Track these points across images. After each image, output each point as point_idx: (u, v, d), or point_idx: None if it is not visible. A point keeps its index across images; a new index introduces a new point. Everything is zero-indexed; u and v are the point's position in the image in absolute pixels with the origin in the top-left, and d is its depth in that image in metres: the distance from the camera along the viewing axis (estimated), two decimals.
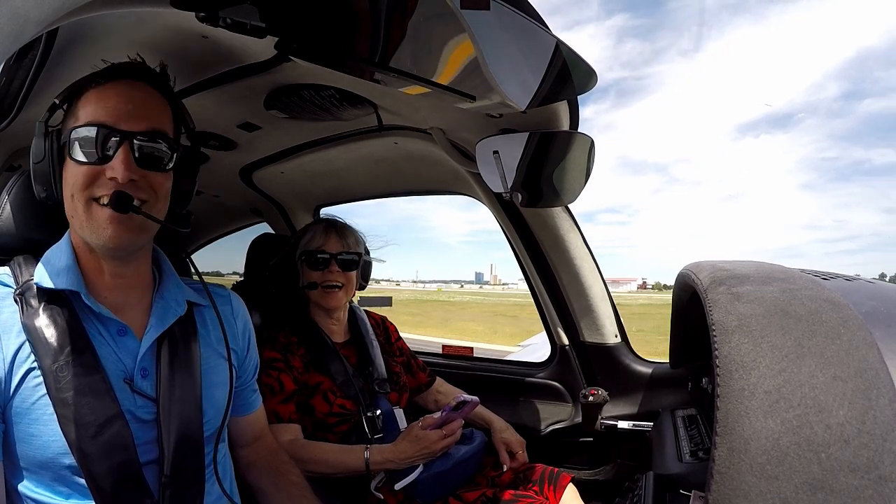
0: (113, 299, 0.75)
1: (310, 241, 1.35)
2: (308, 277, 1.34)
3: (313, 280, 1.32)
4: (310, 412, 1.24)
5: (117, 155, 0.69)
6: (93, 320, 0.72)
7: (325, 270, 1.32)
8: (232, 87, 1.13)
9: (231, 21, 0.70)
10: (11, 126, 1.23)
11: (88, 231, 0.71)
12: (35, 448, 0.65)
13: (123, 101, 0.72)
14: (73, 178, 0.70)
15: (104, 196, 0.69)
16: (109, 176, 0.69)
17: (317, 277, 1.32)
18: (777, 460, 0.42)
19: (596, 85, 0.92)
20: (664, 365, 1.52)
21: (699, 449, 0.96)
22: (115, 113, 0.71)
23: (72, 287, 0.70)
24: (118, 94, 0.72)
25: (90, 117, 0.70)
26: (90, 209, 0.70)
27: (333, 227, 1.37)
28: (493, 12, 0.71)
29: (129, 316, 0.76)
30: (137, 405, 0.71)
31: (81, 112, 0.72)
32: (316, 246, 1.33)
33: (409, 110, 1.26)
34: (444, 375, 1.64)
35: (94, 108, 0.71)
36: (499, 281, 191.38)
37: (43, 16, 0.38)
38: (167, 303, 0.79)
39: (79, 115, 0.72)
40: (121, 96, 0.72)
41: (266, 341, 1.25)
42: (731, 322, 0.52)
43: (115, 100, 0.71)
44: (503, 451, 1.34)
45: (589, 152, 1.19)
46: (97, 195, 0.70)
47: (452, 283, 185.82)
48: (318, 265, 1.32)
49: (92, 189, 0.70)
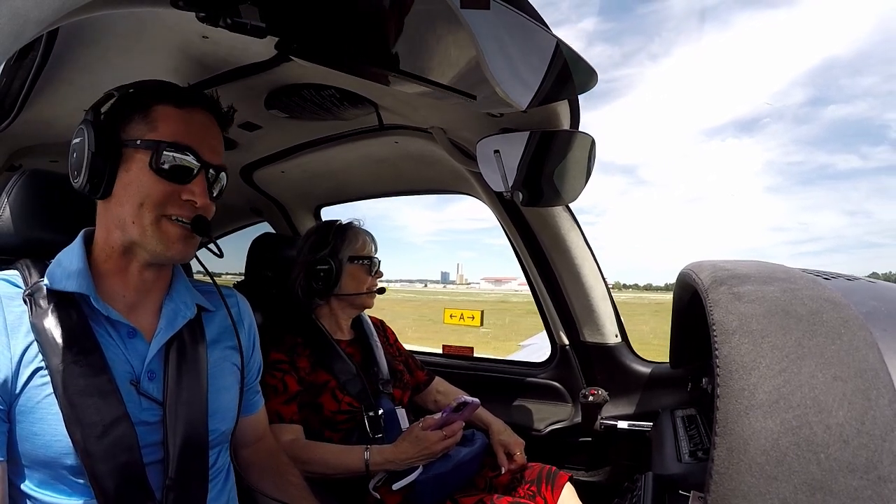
0: (125, 302, 0.76)
1: (361, 246, 1.38)
2: (361, 282, 1.36)
3: (367, 284, 1.37)
4: (318, 410, 1.24)
5: (197, 181, 0.74)
6: (102, 322, 0.73)
7: (373, 276, 1.38)
8: (232, 86, 1.13)
9: (231, 21, 0.70)
10: (11, 126, 1.23)
11: (153, 241, 0.73)
12: (37, 447, 0.65)
13: (205, 132, 0.77)
14: (148, 189, 0.72)
15: (177, 215, 0.74)
16: (186, 198, 0.74)
17: (371, 282, 1.38)
18: (776, 461, 0.42)
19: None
20: (664, 365, 1.52)
21: (698, 449, 0.96)
22: (199, 141, 0.75)
23: (81, 290, 0.71)
24: (202, 124, 0.77)
25: (179, 137, 0.73)
26: (160, 223, 0.73)
27: (367, 233, 1.42)
28: (493, 12, 0.71)
29: (139, 318, 0.77)
30: (143, 408, 0.71)
31: (164, 127, 0.73)
32: (368, 252, 1.39)
33: (409, 110, 1.26)
34: (444, 375, 1.65)
35: (180, 128, 0.74)
36: (464, 280, 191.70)
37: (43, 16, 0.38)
38: (177, 305, 0.80)
39: (160, 129, 0.73)
40: (204, 126, 0.77)
41: (272, 342, 1.25)
42: (732, 322, 0.52)
43: (199, 127, 0.76)
44: (501, 453, 1.34)
45: (589, 151, 1.19)
46: (170, 213, 0.74)
47: (417, 282, 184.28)
48: (371, 270, 1.38)
49: (166, 206, 0.73)
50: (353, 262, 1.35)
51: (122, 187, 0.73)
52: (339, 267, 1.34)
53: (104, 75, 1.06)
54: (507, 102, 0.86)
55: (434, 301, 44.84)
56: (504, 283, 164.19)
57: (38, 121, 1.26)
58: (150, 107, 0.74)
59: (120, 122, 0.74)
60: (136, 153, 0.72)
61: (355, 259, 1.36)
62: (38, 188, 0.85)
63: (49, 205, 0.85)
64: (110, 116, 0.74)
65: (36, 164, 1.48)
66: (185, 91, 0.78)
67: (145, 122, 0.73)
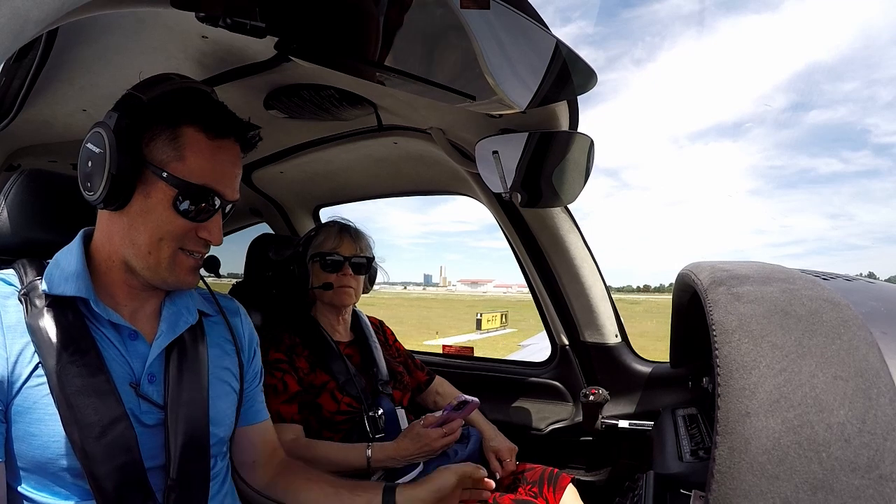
0: (124, 305, 0.76)
1: (322, 242, 1.36)
2: (321, 279, 1.34)
3: (329, 281, 1.33)
4: (317, 410, 1.24)
5: (214, 220, 0.75)
6: (102, 324, 0.72)
7: (338, 273, 1.34)
8: (231, 86, 1.13)
9: (231, 21, 0.70)
10: (11, 126, 1.23)
11: (166, 273, 0.74)
12: (34, 448, 0.65)
13: (231, 168, 0.75)
14: (169, 226, 0.71)
15: (193, 250, 0.75)
16: (202, 235, 0.74)
17: (332, 279, 1.34)
18: (777, 460, 0.42)
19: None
20: (664, 365, 1.52)
21: (700, 448, 0.95)
22: (223, 180, 0.74)
23: (80, 294, 0.70)
24: (230, 159, 0.75)
25: (206, 179, 0.72)
26: (176, 256, 0.74)
27: (347, 230, 1.39)
28: (493, 12, 0.71)
29: (140, 320, 0.76)
30: (142, 410, 0.71)
31: (192, 159, 0.70)
32: (330, 248, 1.35)
33: (408, 110, 1.26)
34: (445, 375, 1.65)
35: (208, 166, 0.72)
36: (447, 282, 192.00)
37: (43, 16, 0.38)
38: (178, 309, 0.79)
39: (188, 161, 0.70)
40: (230, 162, 0.75)
41: (271, 343, 1.25)
42: (732, 322, 0.52)
43: (226, 165, 0.74)
44: (493, 460, 1.34)
45: (588, 152, 1.19)
46: (188, 248, 0.74)
47: (398, 284, 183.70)
48: (330, 267, 1.34)
49: (184, 241, 0.73)
50: (313, 260, 1.35)
51: (140, 212, 0.71)
52: (303, 266, 1.34)
53: (104, 75, 1.06)
54: (507, 103, 0.86)
55: (404, 302, 45.23)
56: (480, 286, 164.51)
57: (37, 120, 1.26)
58: (179, 125, 0.70)
59: (144, 133, 0.70)
60: (160, 183, 0.70)
61: (315, 256, 1.35)
62: (38, 188, 0.85)
63: (48, 205, 0.85)
64: (133, 127, 0.69)
65: (35, 163, 1.48)
66: (218, 117, 0.73)
67: (172, 146, 0.70)
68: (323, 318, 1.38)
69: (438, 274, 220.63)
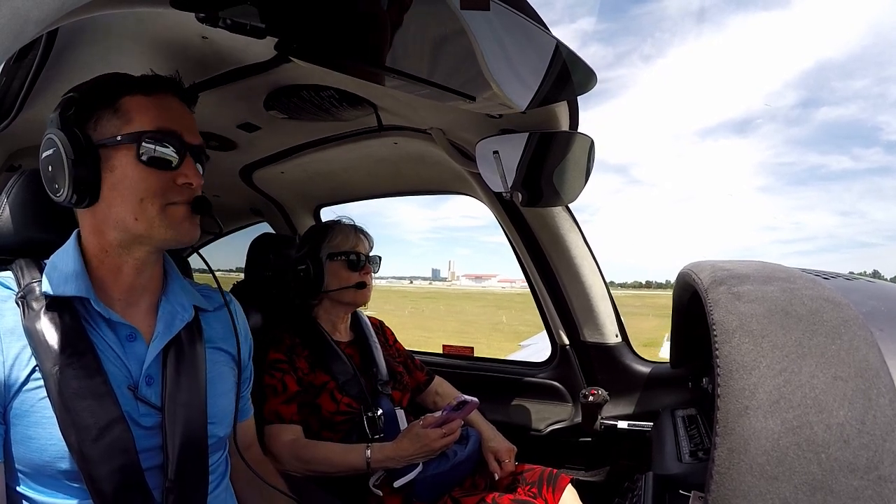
0: (122, 303, 0.75)
1: (341, 242, 1.37)
2: (347, 278, 1.35)
3: (361, 280, 1.35)
4: (316, 411, 1.24)
5: (186, 163, 0.73)
6: (100, 325, 0.72)
7: (360, 271, 1.36)
8: (232, 87, 1.13)
9: (231, 22, 0.70)
10: (11, 126, 1.22)
11: (163, 230, 0.72)
12: (32, 450, 0.65)
13: (180, 114, 0.75)
14: (144, 183, 0.70)
15: (179, 200, 0.73)
16: (181, 182, 0.73)
17: (354, 277, 1.35)
18: (777, 460, 0.42)
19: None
20: (664, 365, 1.52)
21: (699, 449, 0.95)
22: (179, 124, 0.74)
23: (80, 293, 0.70)
24: (176, 108, 0.75)
25: (159, 124, 0.71)
26: (166, 211, 0.73)
27: (358, 229, 1.41)
28: (493, 13, 0.71)
29: (136, 319, 0.76)
30: (140, 412, 0.71)
31: (139, 117, 0.71)
32: (350, 247, 1.36)
33: (408, 111, 1.26)
34: (445, 375, 1.64)
35: (156, 115, 0.72)
36: (455, 276, 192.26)
37: (43, 16, 0.38)
38: (173, 307, 0.79)
39: (136, 120, 0.71)
40: (177, 109, 0.75)
41: (271, 343, 1.25)
42: (732, 322, 0.52)
43: (174, 111, 0.74)
44: (492, 460, 1.34)
45: (589, 152, 1.19)
46: (173, 200, 0.73)
47: (406, 279, 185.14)
48: (355, 266, 1.35)
49: (166, 195, 0.72)
50: (332, 259, 1.35)
51: (110, 189, 0.71)
52: (318, 266, 1.34)
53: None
54: (507, 104, 0.86)
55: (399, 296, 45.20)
56: (484, 280, 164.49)
57: (37, 121, 1.26)
58: (117, 100, 0.71)
59: (87, 123, 0.71)
60: (117, 151, 0.70)
61: (335, 256, 1.35)
62: (38, 188, 0.85)
63: (49, 205, 0.85)
64: (75, 119, 0.70)
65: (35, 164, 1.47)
66: (148, 78, 0.75)
67: (116, 117, 0.71)
68: (325, 318, 1.38)
69: (447, 268, 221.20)
